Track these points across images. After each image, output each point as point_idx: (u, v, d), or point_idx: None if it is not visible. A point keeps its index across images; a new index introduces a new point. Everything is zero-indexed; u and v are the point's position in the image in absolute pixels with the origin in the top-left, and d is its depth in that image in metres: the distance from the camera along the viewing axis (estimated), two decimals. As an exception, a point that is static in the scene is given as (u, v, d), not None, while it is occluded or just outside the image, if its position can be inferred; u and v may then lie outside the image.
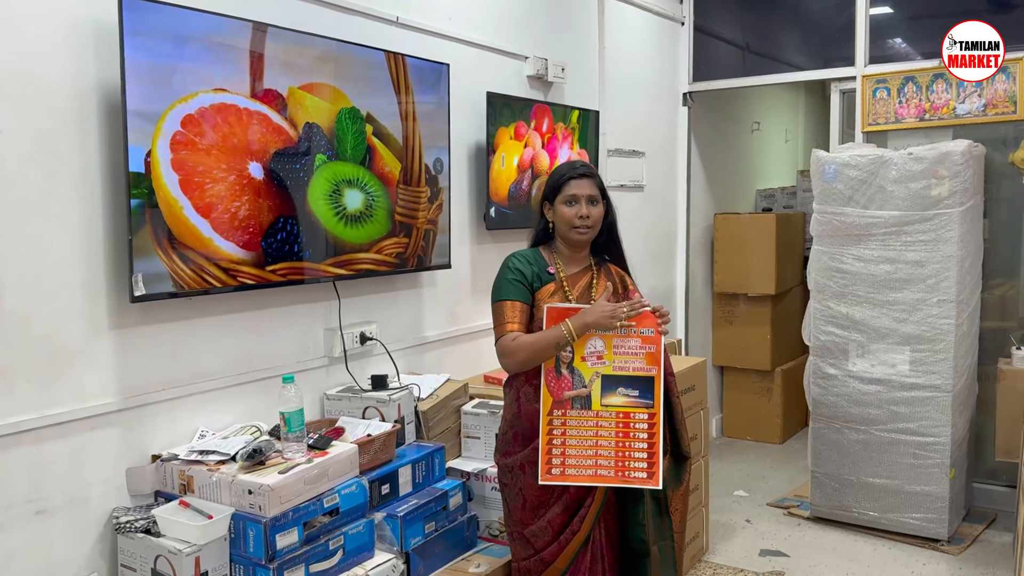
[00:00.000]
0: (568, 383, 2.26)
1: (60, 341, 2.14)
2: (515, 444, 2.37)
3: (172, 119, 2.23)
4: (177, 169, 2.24)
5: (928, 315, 3.71)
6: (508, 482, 2.40)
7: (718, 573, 3.54)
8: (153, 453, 2.36)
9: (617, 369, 2.27)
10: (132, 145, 2.14)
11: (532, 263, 2.38)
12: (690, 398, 3.48)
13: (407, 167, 3.00)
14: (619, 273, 2.49)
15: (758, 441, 5.42)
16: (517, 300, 2.32)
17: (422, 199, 3.07)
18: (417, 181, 3.05)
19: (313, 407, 2.83)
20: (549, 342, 2.24)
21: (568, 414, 2.26)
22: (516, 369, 2.32)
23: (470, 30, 3.48)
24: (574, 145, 4.00)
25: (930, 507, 3.76)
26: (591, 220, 2.36)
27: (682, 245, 5.22)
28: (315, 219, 2.66)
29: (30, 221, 2.07)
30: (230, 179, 2.38)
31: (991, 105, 4.09)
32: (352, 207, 2.79)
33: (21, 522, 2.07)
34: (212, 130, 2.32)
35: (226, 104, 2.36)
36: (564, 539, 2.31)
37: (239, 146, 2.40)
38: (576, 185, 2.36)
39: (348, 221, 2.78)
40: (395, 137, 2.94)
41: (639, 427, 2.26)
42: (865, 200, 3.79)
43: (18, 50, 2.03)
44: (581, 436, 2.26)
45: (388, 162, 2.91)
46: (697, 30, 5.10)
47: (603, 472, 2.25)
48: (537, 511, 2.34)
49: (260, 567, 2.12)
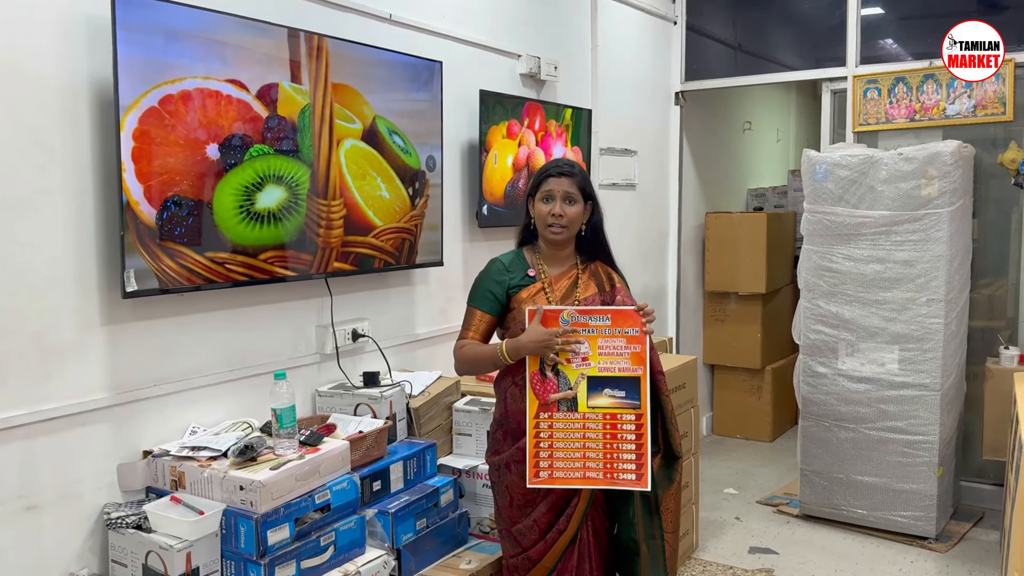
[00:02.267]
0: (554, 385, 2.25)
1: (51, 337, 2.13)
2: (504, 443, 2.38)
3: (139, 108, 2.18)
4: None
5: (917, 314, 3.73)
6: (496, 480, 2.41)
7: (708, 570, 3.56)
8: (144, 449, 2.36)
9: (602, 370, 2.25)
10: (124, 140, 2.13)
11: (512, 270, 2.37)
12: (680, 396, 3.49)
13: (316, 172, 2.67)
14: (607, 271, 2.46)
15: (748, 439, 5.44)
16: (486, 312, 2.35)
17: (335, 214, 2.76)
18: (334, 194, 2.75)
19: (305, 404, 2.83)
20: (486, 359, 2.32)
21: (555, 416, 2.24)
22: (463, 373, 2.48)
23: (463, 28, 3.49)
24: (568, 143, 4.00)
25: (918, 505, 3.78)
26: (565, 219, 2.31)
27: (673, 244, 5.24)
28: (213, 207, 2.39)
29: (21, 216, 2.06)
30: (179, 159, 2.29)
31: (981, 106, 4.11)
32: (262, 205, 2.53)
33: (12, 518, 2.07)
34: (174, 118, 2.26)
35: (201, 90, 2.32)
36: (551, 538, 2.32)
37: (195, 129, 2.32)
38: (554, 182, 2.32)
39: (251, 219, 2.49)
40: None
41: (626, 428, 2.24)
42: (855, 200, 3.82)
43: (9, 44, 2.02)
44: (568, 439, 2.24)
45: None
46: (689, 29, 5.12)
47: (591, 474, 2.24)
48: (524, 509, 2.34)
49: (251, 563, 2.12)
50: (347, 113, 2.79)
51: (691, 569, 3.57)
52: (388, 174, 2.98)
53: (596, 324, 2.27)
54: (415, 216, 3.11)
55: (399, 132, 3.03)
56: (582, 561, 2.35)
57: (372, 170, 2.91)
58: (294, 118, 2.60)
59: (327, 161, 2.72)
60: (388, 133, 2.98)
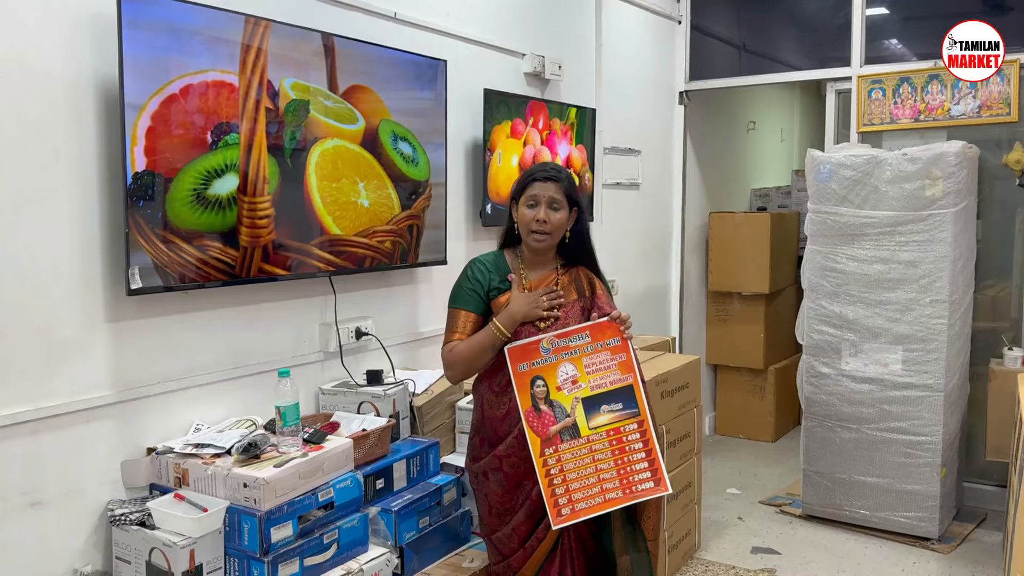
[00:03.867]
0: (551, 418, 2.20)
1: (56, 334, 2.14)
2: (481, 449, 2.36)
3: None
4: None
5: (921, 315, 3.73)
6: (476, 487, 2.39)
7: (710, 570, 3.56)
8: (148, 446, 2.36)
9: (595, 388, 2.22)
10: (128, 138, 2.14)
11: (492, 271, 2.33)
12: (683, 396, 3.49)
13: (244, 171, 2.45)
14: (588, 276, 2.41)
15: (751, 439, 5.44)
16: (471, 311, 2.29)
17: (259, 210, 2.50)
18: (255, 191, 2.49)
19: (308, 402, 2.83)
20: (483, 345, 2.23)
21: (560, 448, 2.18)
22: (460, 378, 2.33)
23: (468, 26, 3.48)
24: (573, 141, 4.00)
25: (921, 506, 3.78)
26: (549, 226, 2.27)
27: (677, 243, 5.23)
28: (168, 182, 2.28)
29: (26, 213, 2.06)
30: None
31: (985, 107, 4.10)
32: (213, 192, 2.39)
33: (16, 514, 2.08)
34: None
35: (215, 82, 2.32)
36: (530, 546, 2.29)
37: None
38: (540, 187, 2.27)
39: (199, 204, 2.36)
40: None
41: (632, 438, 2.20)
42: (859, 200, 3.81)
43: (15, 41, 2.03)
44: (579, 467, 2.18)
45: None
46: (694, 29, 5.11)
47: (611, 495, 2.17)
48: (503, 517, 2.32)
49: (254, 560, 2.13)
50: (351, 112, 2.78)
51: (693, 569, 3.57)
52: (381, 180, 2.90)
53: (577, 344, 2.24)
54: (405, 218, 3.00)
55: (409, 138, 2.98)
56: (564, 568, 2.30)
57: (357, 174, 2.80)
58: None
59: (258, 158, 2.49)
60: (393, 139, 2.92)
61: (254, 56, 2.45)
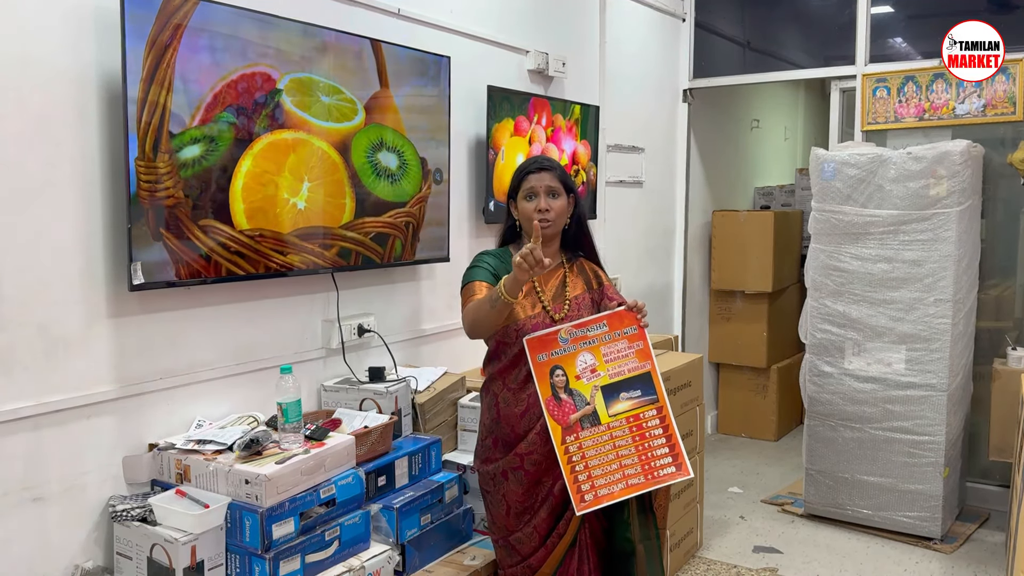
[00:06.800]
0: (571, 406, 2.24)
1: (58, 329, 2.13)
2: (495, 450, 2.35)
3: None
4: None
5: (925, 314, 3.72)
6: (490, 489, 2.38)
7: (712, 569, 3.56)
8: (150, 442, 2.36)
9: (613, 376, 2.26)
10: (132, 133, 2.13)
11: (503, 261, 2.34)
12: (686, 394, 3.49)
13: (142, 137, 2.17)
14: (593, 269, 2.45)
15: (753, 438, 5.43)
16: (486, 281, 2.27)
17: (160, 170, 2.22)
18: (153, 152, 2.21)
19: (310, 398, 2.83)
20: (485, 299, 2.18)
21: (581, 436, 2.22)
22: (477, 334, 2.28)
23: (471, 23, 3.48)
24: (577, 137, 3.99)
25: (923, 505, 3.77)
26: (552, 213, 2.29)
27: (680, 241, 5.23)
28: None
29: (29, 208, 2.06)
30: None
31: (990, 105, 4.09)
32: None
33: (17, 509, 2.07)
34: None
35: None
36: (551, 543, 2.29)
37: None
38: (535, 178, 2.30)
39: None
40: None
41: (651, 424, 2.23)
42: (863, 199, 3.80)
43: (18, 36, 2.03)
44: (601, 453, 2.21)
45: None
46: (698, 26, 5.10)
47: (633, 481, 2.20)
48: (522, 517, 2.32)
49: (256, 557, 2.13)
50: (352, 108, 2.77)
51: (695, 568, 3.57)
52: (339, 186, 2.72)
53: (595, 334, 2.27)
54: (356, 225, 2.80)
55: (401, 151, 2.91)
56: (582, 564, 2.32)
57: (306, 172, 2.60)
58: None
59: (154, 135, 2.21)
60: (372, 148, 2.79)
61: (255, 54, 2.45)
